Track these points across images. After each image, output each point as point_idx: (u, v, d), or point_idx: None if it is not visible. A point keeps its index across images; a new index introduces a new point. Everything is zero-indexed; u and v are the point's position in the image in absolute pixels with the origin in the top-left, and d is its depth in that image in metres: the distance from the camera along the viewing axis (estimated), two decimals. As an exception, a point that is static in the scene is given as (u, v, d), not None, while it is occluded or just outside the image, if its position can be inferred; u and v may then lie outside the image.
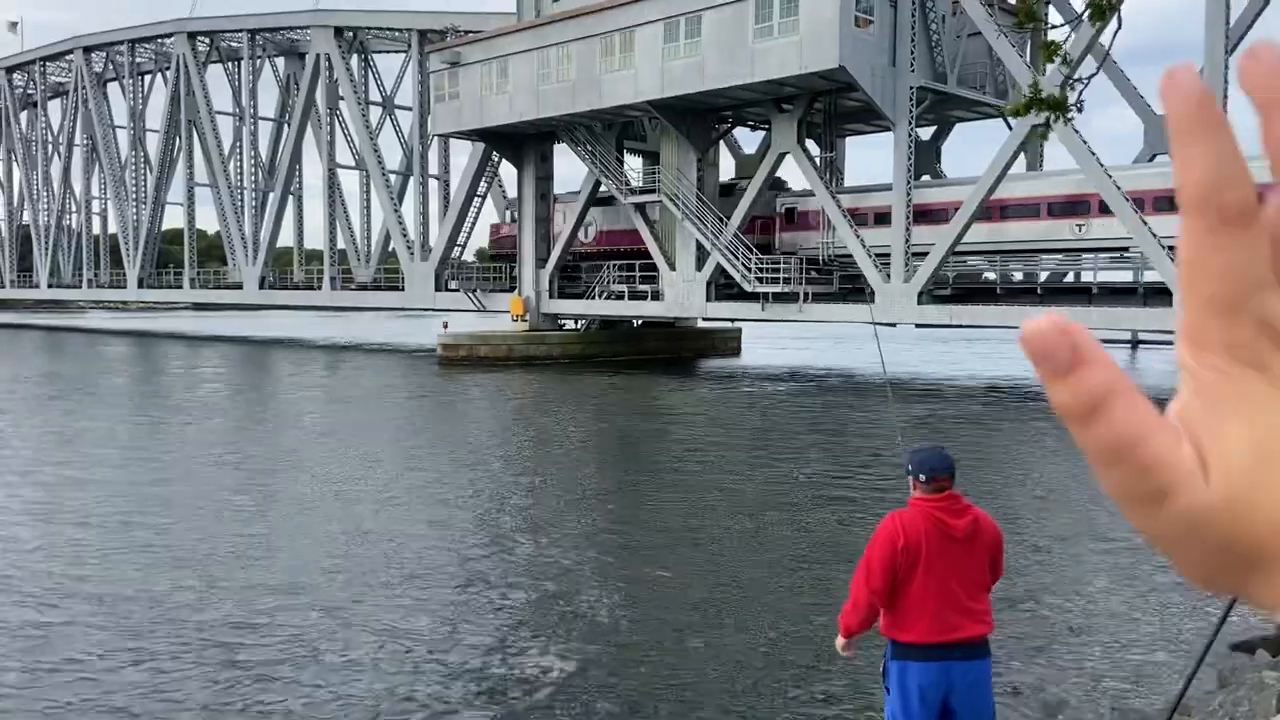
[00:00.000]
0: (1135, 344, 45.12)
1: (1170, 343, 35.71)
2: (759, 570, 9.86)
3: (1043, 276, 31.03)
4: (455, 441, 19.22)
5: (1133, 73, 33.89)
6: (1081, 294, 29.46)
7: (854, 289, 32.00)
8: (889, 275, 29.71)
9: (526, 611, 8.57)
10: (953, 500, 4.04)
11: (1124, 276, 28.76)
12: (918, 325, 30.37)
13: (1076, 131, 25.70)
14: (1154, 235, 24.91)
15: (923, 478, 4.05)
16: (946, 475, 4.05)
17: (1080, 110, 4.82)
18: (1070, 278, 31.23)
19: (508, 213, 45.62)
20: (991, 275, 31.00)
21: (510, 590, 9.19)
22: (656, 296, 36.09)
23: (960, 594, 3.99)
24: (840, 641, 4.24)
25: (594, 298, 38.28)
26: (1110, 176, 25.79)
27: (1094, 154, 25.94)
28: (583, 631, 8.04)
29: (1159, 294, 25.88)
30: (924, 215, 29.97)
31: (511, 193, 44.39)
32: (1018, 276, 31.38)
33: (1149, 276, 26.86)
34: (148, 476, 15.00)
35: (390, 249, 51.01)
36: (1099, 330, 37.55)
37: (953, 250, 28.70)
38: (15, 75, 71.33)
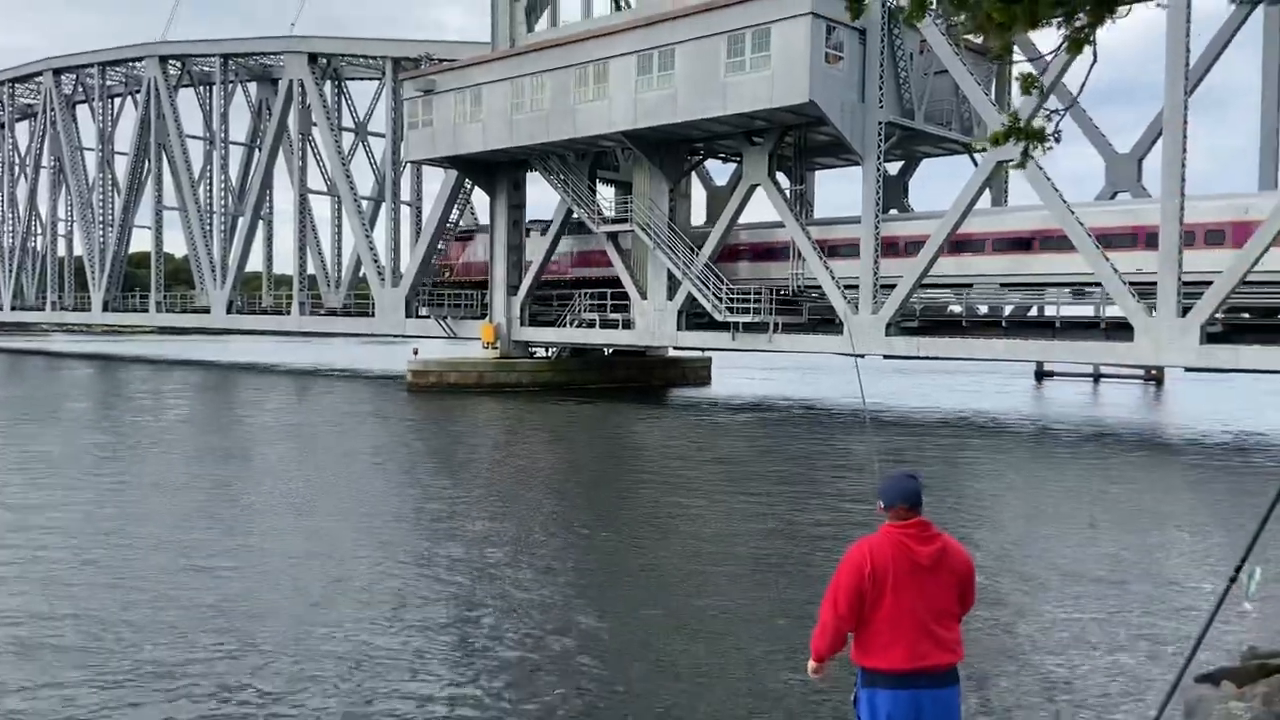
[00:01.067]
0: (1097, 377, 45.91)
1: (1132, 377, 36.12)
2: (729, 598, 9.89)
3: (1007, 310, 31.52)
4: (421, 469, 19.10)
5: (1094, 112, 34.74)
6: (1045, 327, 29.96)
7: (823, 320, 32.32)
8: (857, 306, 30.06)
9: (485, 640, 8.53)
10: (922, 528, 4.09)
11: (1086, 311, 29.30)
12: (886, 356, 30.71)
13: (1041, 168, 26.28)
14: (1115, 271, 25.44)
15: (882, 505, 4.13)
16: (905, 505, 4.10)
17: (1058, 140, 5.01)
18: (1034, 311, 31.76)
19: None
20: (957, 308, 31.46)
21: (469, 621, 9.15)
22: (628, 325, 36.24)
23: (929, 622, 4.02)
24: (811, 665, 4.28)
25: (565, 325, 38.35)
26: (1073, 213, 26.36)
27: (1057, 190, 26.53)
28: (544, 662, 8.02)
29: (1120, 328, 26.38)
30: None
31: (484, 219, 44.46)
32: (983, 310, 31.87)
33: (1110, 311, 27.38)
34: (102, 503, 14.76)
35: (361, 275, 50.79)
36: (1062, 363, 38.34)
37: (920, 283, 29.11)
38: (-18, 95, 70.52)
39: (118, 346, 76.13)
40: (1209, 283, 24.17)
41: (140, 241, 65.62)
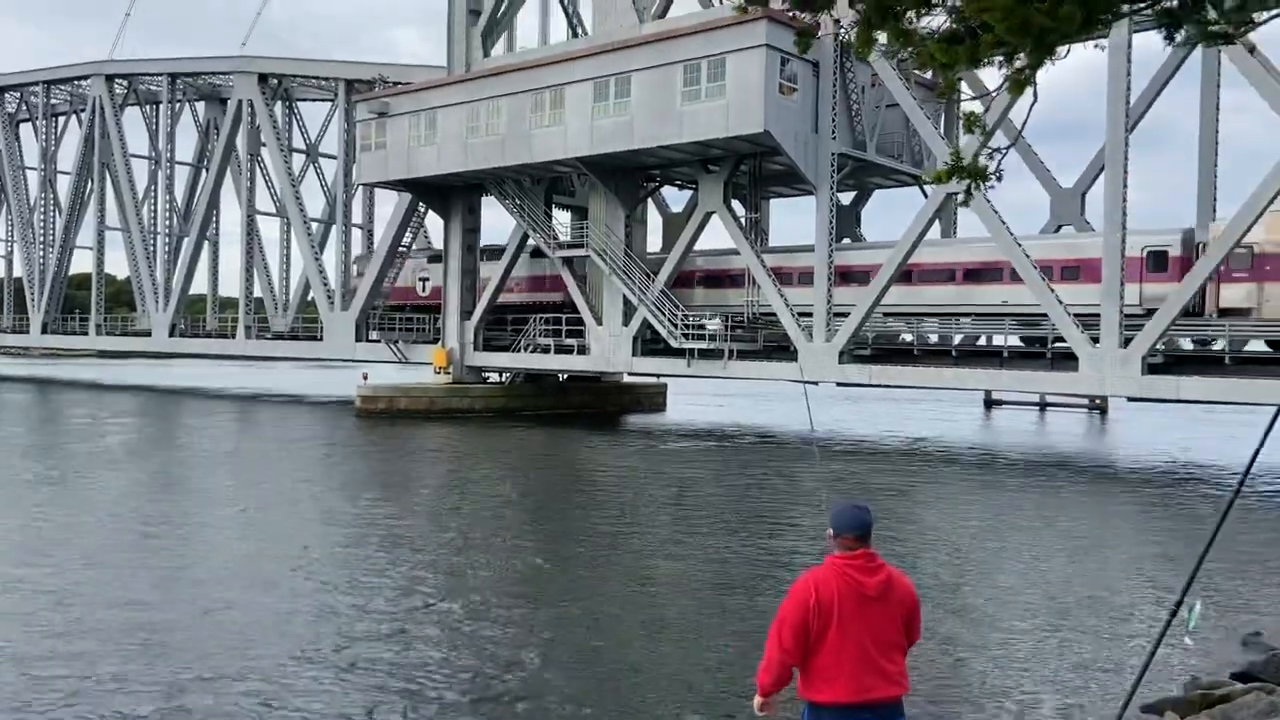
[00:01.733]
0: (1043, 406, 46.68)
1: (1077, 406, 36.82)
2: (678, 631, 9.76)
3: (957, 339, 31.91)
4: (367, 499, 18.74)
5: (1039, 147, 35.52)
6: (993, 356, 30.38)
7: (779, 347, 32.47)
8: (811, 334, 30.27)
9: (434, 677, 8.32)
10: (867, 559, 4.05)
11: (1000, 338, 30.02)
12: (839, 384, 30.91)
13: (989, 201, 26.75)
14: (1060, 301, 25.92)
15: (831, 534, 4.10)
16: (853, 534, 4.06)
17: (1000, 179, 5.04)
18: (982, 341, 32.21)
19: (354, 266, 45.67)
20: (909, 336, 31.79)
21: (414, 659, 8.93)
22: (583, 350, 36.10)
23: (875, 654, 3.97)
24: (757, 700, 4.19)
25: (519, 350, 38.10)
26: (1020, 245, 26.86)
27: (1004, 223, 27.01)
28: (496, 699, 7.83)
29: (1065, 359, 26.85)
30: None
31: (437, 243, 44.18)
32: (933, 339, 32.24)
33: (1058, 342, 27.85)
34: (35, 538, 14.26)
35: (310, 298, 50.02)
36: (1009, 392, 38.92)
37: (872, 311, 29.42)
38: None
39: (56, 370, 74.11)
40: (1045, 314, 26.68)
41: (81, 263, 64.18)
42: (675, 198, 42.68)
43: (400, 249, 42.33)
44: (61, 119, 62.15)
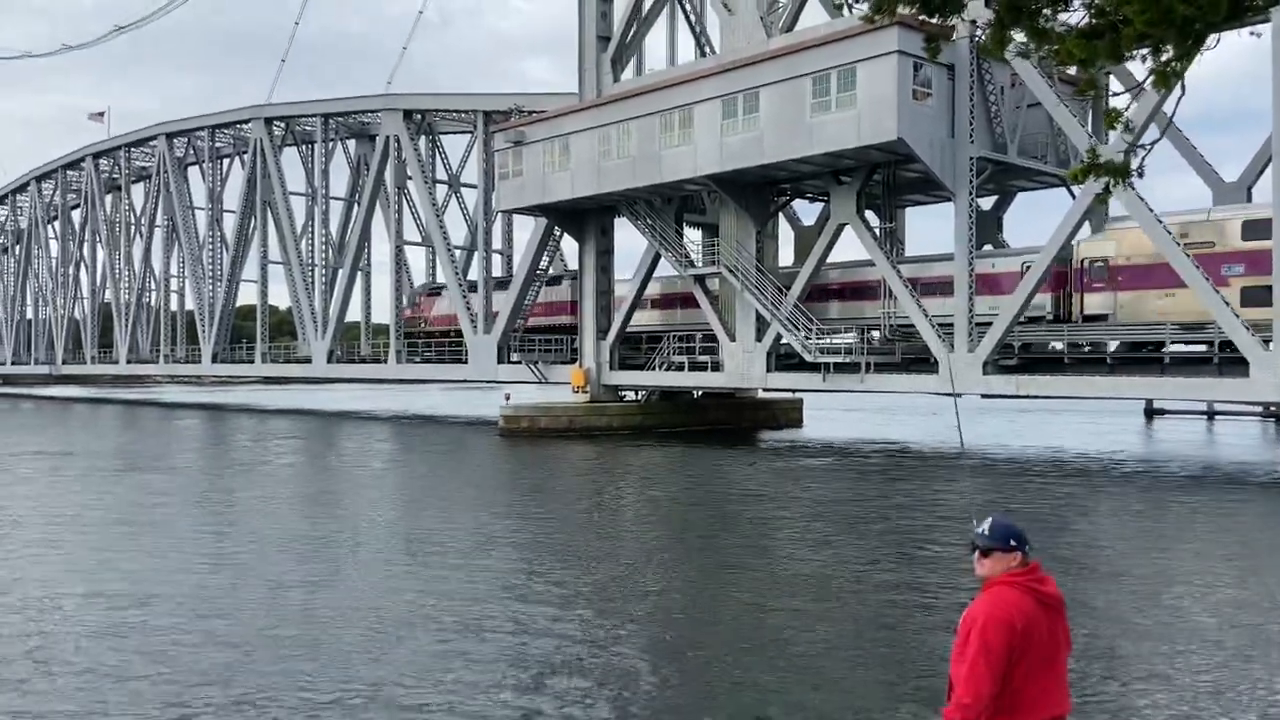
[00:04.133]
0: (1211, 414, 43.67)
1: (1250, 414, 34.43)
2: (833, 659, 9.62)
3: (1111, 346, 30.27)
4: (518, 514, 19.24)
5: (1197, 140, 33.42)
6: (1153, 364, 28.69)
7: (917, 359, 31.61)
8: (952, 345, 29.35)
9: (582, 693, 8.46)
10: (1037, 571, 3.91)
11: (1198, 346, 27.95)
12: (983, 395, 29.83)
13: (1141, 198, 25.38)
14: (1227, 304, 24.26)
15: (997, 551, 3.88)
16: (1027, 544, 3.93)
17: (1141, 175, 4.79)
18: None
19: (416, 296, 47.55)
20: (1059, 345, 30.37)
21: (569, 676, 9.10)
22: (717, 367, 36.12)
23: (1059, 667, 3.87)
24: None
25: (654, 369, 38.43)
26: (1178, 244, 25.34)
27: (1160, 221, 25.55)
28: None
29: (1234, 363, 25.11)
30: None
31: (573, 265, 45.19)
32: (1085, 346, 30.66)
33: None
34: (222, 545, 15.26)
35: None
36: (1173, 400, 36.60)
37: (1018, 319, 28.31)
38: (102, 160, 75.26)
39: (226, 396, 79.36)
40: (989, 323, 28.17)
41: (246, 295, 68.72)
42: (807, 210, 42.28)
43: (538, 272, 43.47)
44: (225, 161, 66.92)
